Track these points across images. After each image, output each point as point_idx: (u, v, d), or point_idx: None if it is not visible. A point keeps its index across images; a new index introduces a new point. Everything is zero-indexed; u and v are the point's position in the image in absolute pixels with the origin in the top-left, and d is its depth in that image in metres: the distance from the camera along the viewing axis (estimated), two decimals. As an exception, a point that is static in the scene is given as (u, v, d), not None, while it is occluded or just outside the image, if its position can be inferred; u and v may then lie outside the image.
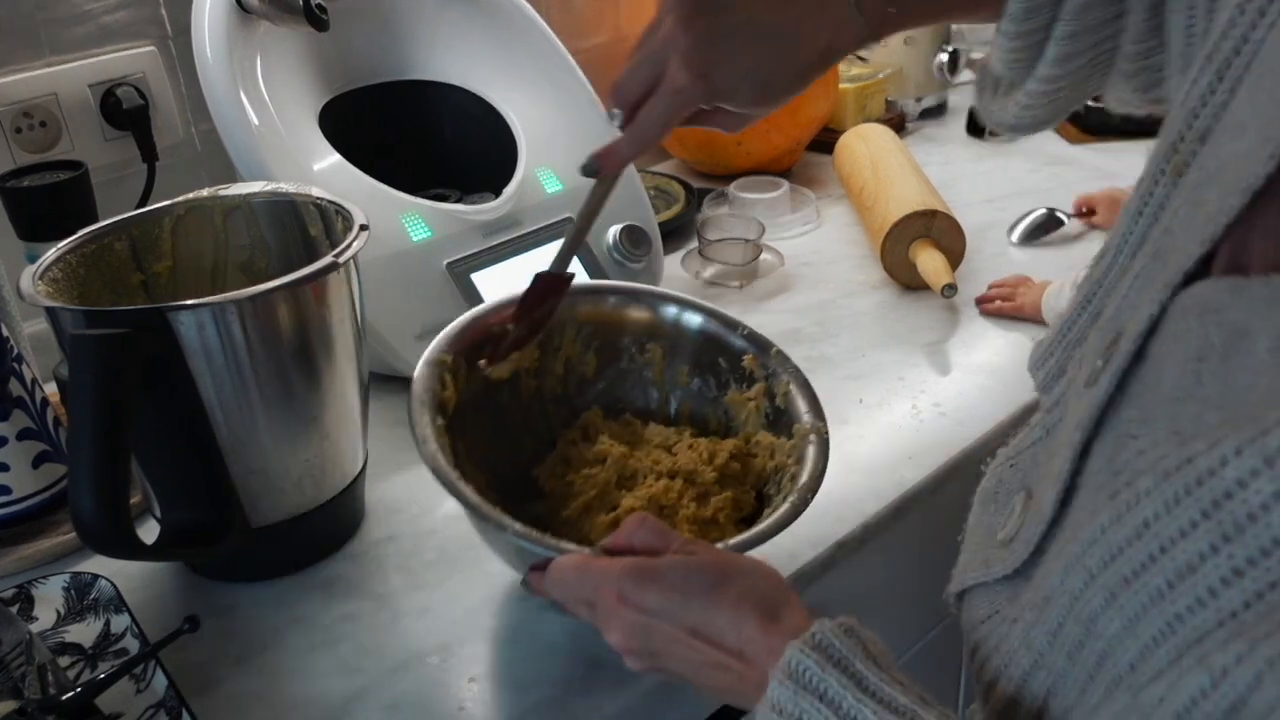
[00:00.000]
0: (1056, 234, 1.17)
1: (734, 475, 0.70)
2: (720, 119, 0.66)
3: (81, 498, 0.58)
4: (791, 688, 0.44)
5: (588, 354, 0.76)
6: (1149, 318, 0.42)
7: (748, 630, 0.49)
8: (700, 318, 0.76)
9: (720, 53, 0.60)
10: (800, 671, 0.45)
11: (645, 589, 0.51)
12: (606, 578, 0.52)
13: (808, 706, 0.44)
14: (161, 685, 0.62)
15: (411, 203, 0.91)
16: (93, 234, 0.72)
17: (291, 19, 0.88)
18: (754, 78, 0.61)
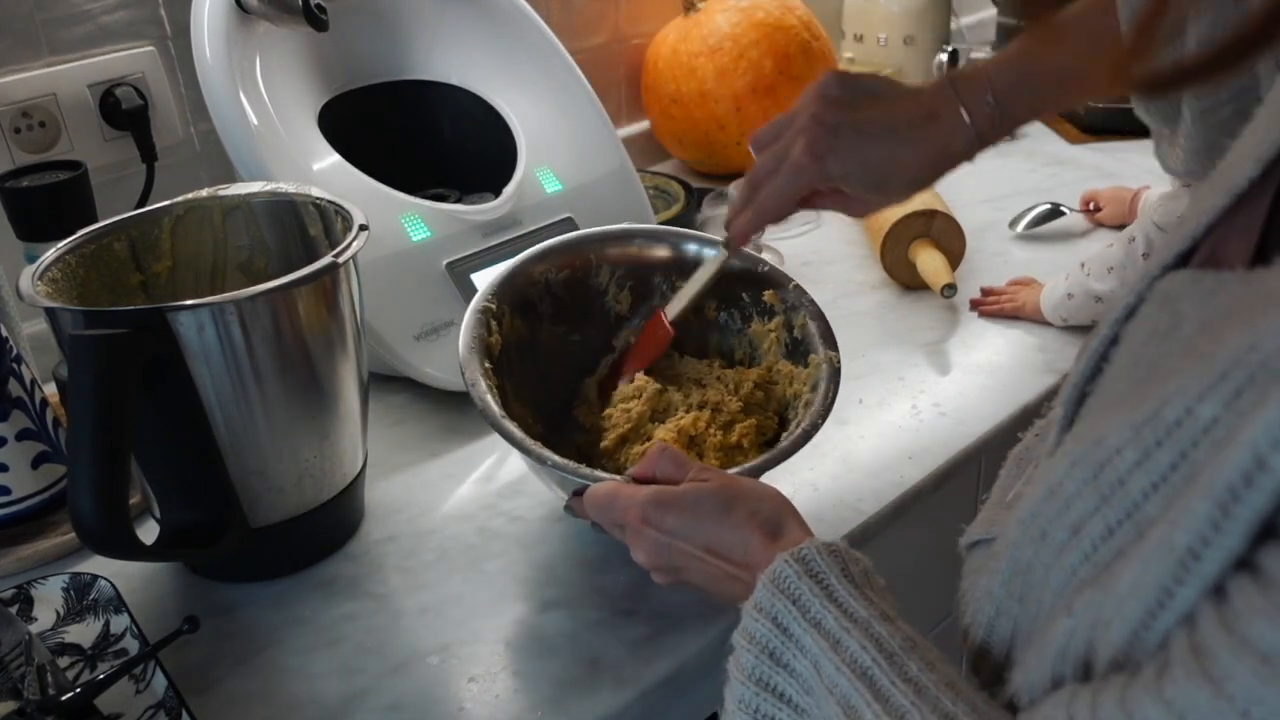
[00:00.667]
0: (1059, 226, 1.17)
1: (758, 403, 0.76)
2: (841, 203, 0.73)
3: (81, 498, 0.58)
4: (772, 590, 0.51)
5: (622, 293, 0.82)
6: (1127, 305, 0.45)
7: (753, 546, 0.56)
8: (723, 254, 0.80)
9: (840, 141, 0.68)
10: (781, 578, 0.51)
11: (665, 513, 0.58)
12: (632, 503, 0.59)
13: (781, 607, 0.50)
14: (161, 686, 0.62)
15: (411, 203, 0.91)
16: (92, 234, 0.72)
17: (291, 19, 0.87)
18: (866, 169, 0.69)
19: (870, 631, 0.48)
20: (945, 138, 0.69)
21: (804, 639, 0.49)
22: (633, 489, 0.60)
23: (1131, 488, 0.37)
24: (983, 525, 0.57)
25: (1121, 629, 0.35)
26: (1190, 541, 0.33)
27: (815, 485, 0.80)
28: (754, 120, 1.28)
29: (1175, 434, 0.36)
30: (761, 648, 0.50)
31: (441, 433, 0.88)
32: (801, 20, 1.30)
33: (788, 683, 0.50)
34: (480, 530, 0.77)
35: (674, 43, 1.31)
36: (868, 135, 0.68)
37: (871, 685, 0.46)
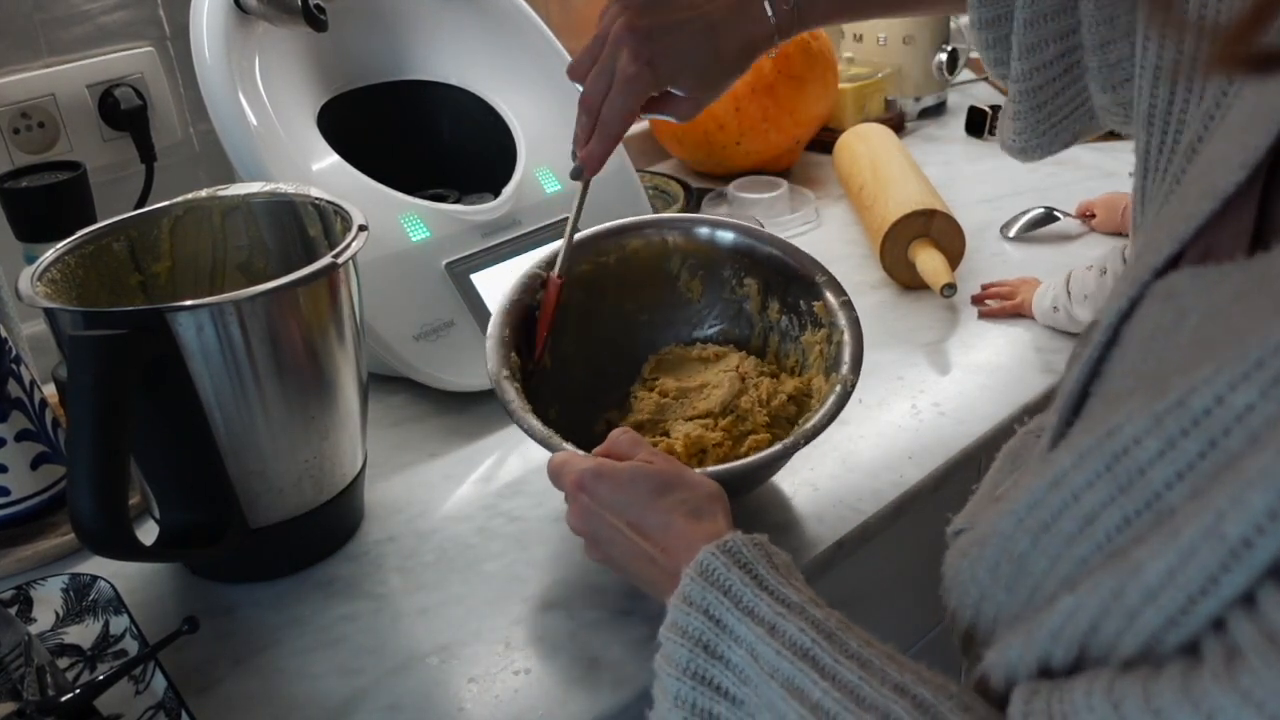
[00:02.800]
0: (1053, 230, 1.17)
1: (788, 416, 0.77)
2: (670, 106, 0.76)
3: (80, 499, 0.58)
4: (701, 583, 0.52)
5: (694, 280, 0.84)
6: (1118, 310, 0.45)
7: (674, 529, 0.58)
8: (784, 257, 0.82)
9: (661, 44, 0.71)
10: (709, 569, 0.52)
11: (600, 483, 0.61)
12: (572, 470, 0.62)
13: (712, 598, 0.51)
14: (161, 686, 0.62)
15: (410, 203, 0.91)
16: (91, 235, 0.71)
17: (290, 19, 0.87)
18: (692, 64, 0.73)
19: (806, 614, 0.49)
20: (751, 29, 0.73)
21: (738, 628, 0.50)
22: (581, 459, 0.63)
23: (1153, 477, 0.37)
24: (968, 517, 0.58)
25: (1155, 617, 0.35)
26: (1244, 532, 0.32)
27: (815, 485, 0.79)
28: (753, 120, 1.28)
29: (1204, 422, 0.35)
30: (694, 640, 0.51)
31: (441, 433, 0.88)
32: (801, 20, 1.30)
33: (723, 674, 0.50)
34: (480, 530, 0.77)
35: (673, 43, 1.31)
36: (687, 32, 0.72)
37: (815, 664, 0.46)
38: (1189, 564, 0.34)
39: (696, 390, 0.79)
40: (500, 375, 0.72)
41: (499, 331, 0.75)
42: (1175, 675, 0.34)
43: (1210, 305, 0.39)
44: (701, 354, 0.83)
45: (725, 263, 0.83)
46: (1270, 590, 0.33)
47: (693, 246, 0.83)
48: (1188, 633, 0.35)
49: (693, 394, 0.79)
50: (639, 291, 0.84)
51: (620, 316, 0.84)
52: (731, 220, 0.84)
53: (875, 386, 0.92)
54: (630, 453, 0.64)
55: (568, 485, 0.62)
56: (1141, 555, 0.36)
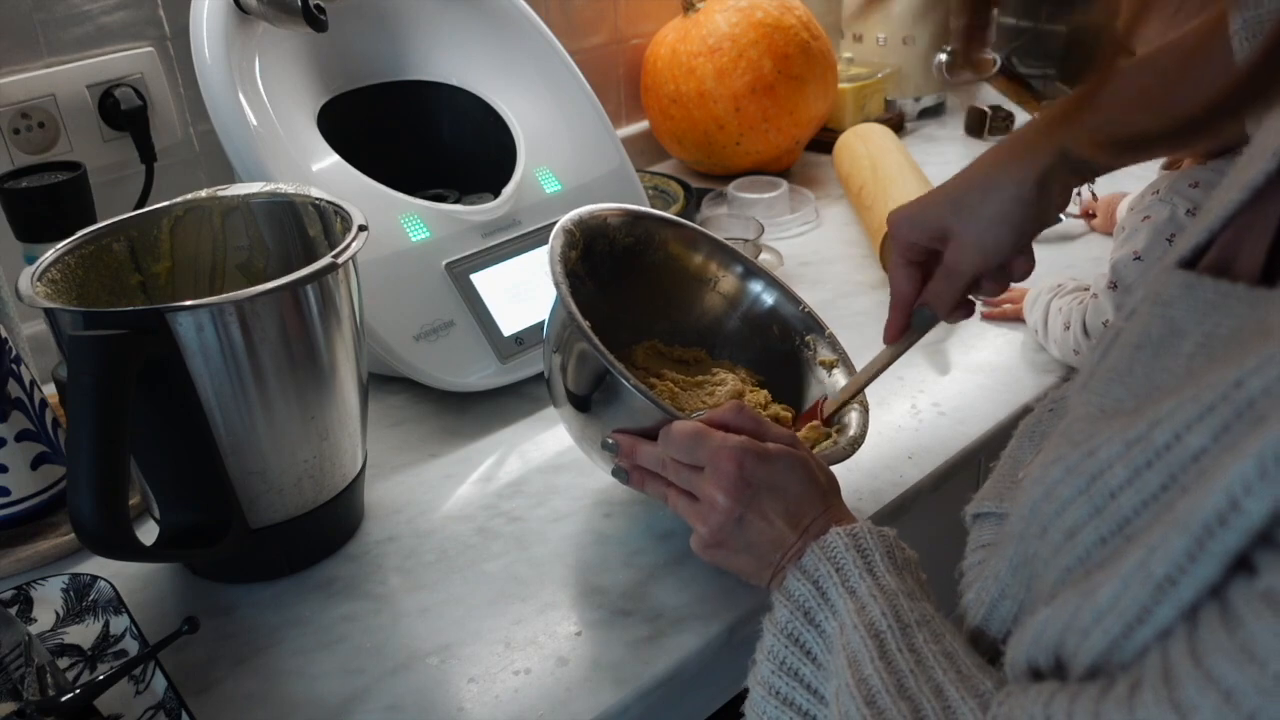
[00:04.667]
0: (1053, 231, 1.17)
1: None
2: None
3: (80, 499, 0.58)
4: (819, 555, 0.56)
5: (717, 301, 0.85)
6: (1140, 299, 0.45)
7: (821, 514, 0.60)
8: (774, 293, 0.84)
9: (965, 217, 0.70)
10: (830, 546, 0.56)
11: (759, 464, 0.61)
12: (728, 446, 0.61)
13: (824, 571, 0.55)
14: (161, 686, 0.62)
15: (410, 203, 0.91)
16: (91, 235, 0.71)
17: (290, 20, 0.87)
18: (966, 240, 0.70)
19: (894, 603, 0.52)
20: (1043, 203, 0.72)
21: (838, 602, 0.54)
22: (725, 434, 0.62)
23: (1123, 503, 0.38)
24: (992, 497, 0.59)
25: (1101, 639, 0.37)
26: (1168, 570, 0.34)
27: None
28: (753, 120, 1.28)
29: (1165, 457, 0.36)
30: (798, 606, 0.55)
31: (441, 433, 0.88)
32: (801, 20, 1.30)
33: (815, 641, 0.54)
34: (480, 530, 0.77)
35: (673, 43, 1.31)
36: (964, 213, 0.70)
37: (881, 646, 0.50)
38: (1125, 595, 0.36)
39: (698, 386, 0.79)
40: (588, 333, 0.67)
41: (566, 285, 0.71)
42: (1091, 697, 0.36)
43: (1207, 336, 0.39)
44: (682, 355, 0.83)
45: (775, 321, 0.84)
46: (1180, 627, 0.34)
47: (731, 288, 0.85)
48: (1131, 653, 0.36)
49: (696, 388, 0.79)
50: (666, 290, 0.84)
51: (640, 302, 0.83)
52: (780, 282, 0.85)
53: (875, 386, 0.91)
54: (759, 431, 0.64)
55: (722, 461, 0.61)
56: (1098, 579, 0.38)
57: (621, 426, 0.67)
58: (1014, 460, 0.62)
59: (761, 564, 0.61)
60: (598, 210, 0.79)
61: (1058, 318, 0.92)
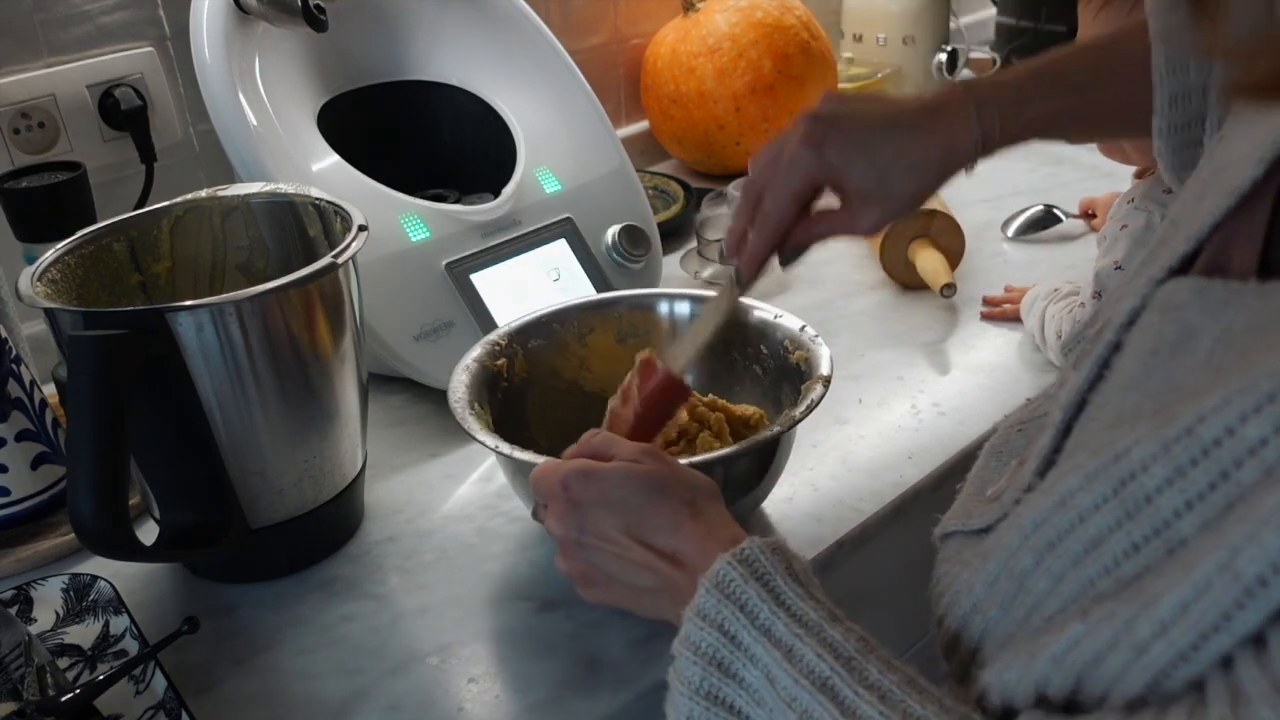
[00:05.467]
0: (1053, 232, 1.17)
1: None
2: (851, 217, 0.66)
3: (80, 499, 0.58)
4: (717, 596, 0.48)
5: None
6: (1130, 310, 0.45)
7: (683, 534, 0.53)
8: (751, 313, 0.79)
9: (837, 130, 0.63)
10: (726, 582, 0.48)
11: (586, 482, 0.55)
12: (556, 472, 0.57)
13: (728, 614, 0.48)
14: (161, 686, 0.62)
15: (410, 203, 0.91)
16: (91, 235, 0.71)
17: (290, 20, 0.87)
18: (868, 159, 0.63)
19: (823, 637, 0.46)
20: (950, 133, 0.64)
21: (754, 648, 0.47)
22: (562, 463, 0.57)
23: (1161, 505, 0.37)
24: (959, 516, 0.56)
25: (1165, 651, 0.35)
26: (1260, 570, 0.32)
27: (815, 485, 0.79)
28: (753, 120, 1.28)
29: (1214, 453, 0.35)
30: (709, 659, 0.48)
31: (441, 433, 0.88)
32: (801, 20, 1.30)
33: (737, 694, 0.48)
34: (480, 530, 0.77)
35: (673, 43, 1.31)
36: (868, 125, 0.64)
37: (834, 697, 0.44)
38: (1202, 599, 0.34)
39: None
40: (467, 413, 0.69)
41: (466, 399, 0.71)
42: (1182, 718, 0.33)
43: (1224, 331, 0.39)
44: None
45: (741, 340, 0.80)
46: (1245, 652, 0.33)
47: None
48: (1195, 670, 0.34)
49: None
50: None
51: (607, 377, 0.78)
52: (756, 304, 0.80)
53: (875, 386, 0.92)
54: (610, 452, 0.58)
55: (550, 487, 0.57)
56: (1156, 587, 0.36)
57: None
58: (981, 480, 0.59)
59: (644, 595, 0.55)
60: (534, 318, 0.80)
61: (1051, 324, 0.92)
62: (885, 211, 0.66)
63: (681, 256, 1.15)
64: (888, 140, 0.64)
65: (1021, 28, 1.63)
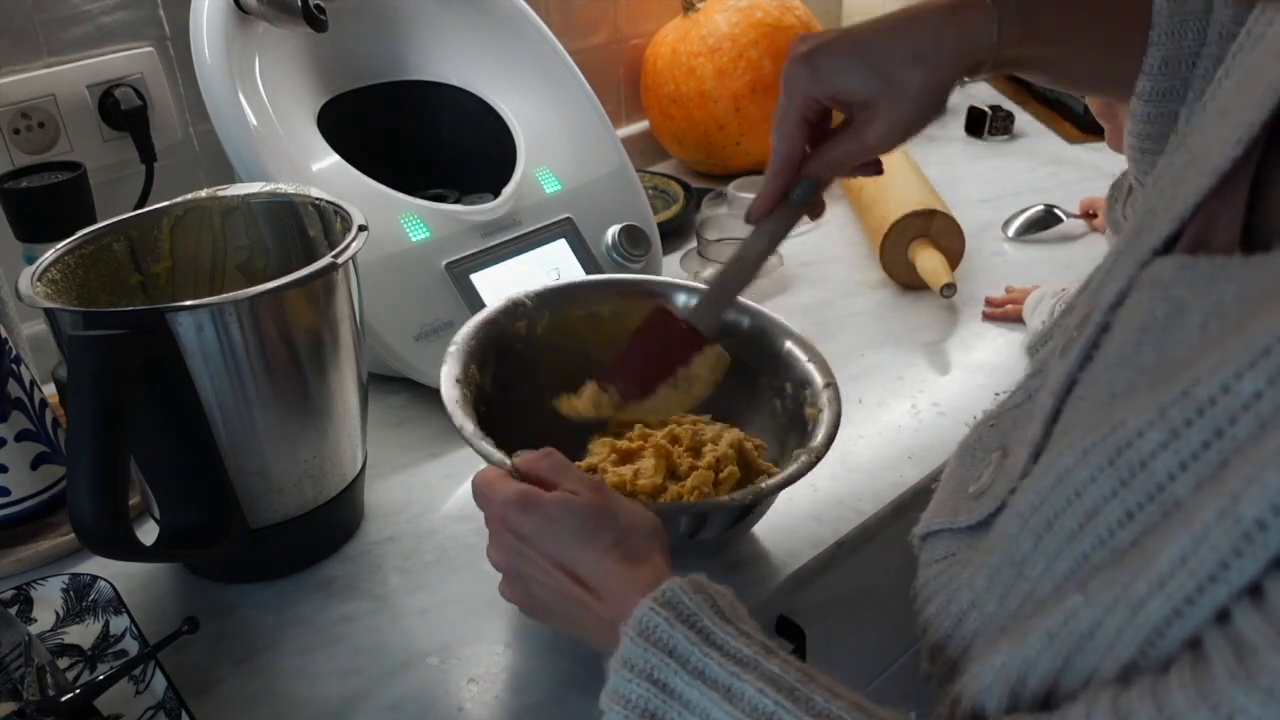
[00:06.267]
0: (1054, 232, 1.17)
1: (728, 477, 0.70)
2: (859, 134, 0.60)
3: (80, 499, 0.58)
4: (643, 644, 0.47)
5: None
6: (1118, 291, 0.45)
7: (609, 575, 0.52)
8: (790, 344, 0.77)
9: (825, 42, 0.58)
10: (651, 629, 0.47)
11: (524, 516, 0.54)
12: (495, 498, 0.56)
13: (657, 661, 0.46)
14: (161, 686, 0.62)
15: (410, 203, 0.91)
16: (91, 235, 0.71)
17: (290, 20, 0.87)
18: (863, 56, 0.57)
19: (762, 671, 0.44)
20: (963, 19, 0.57)
21: (688, 693, 0.45)
22: (504, 483, 0.56)
23: (1156, 469, 0.37)
24: (944, 514, 0.55)
25: (1161, 607, 0.34)
26: (1259, 513, 0.32)
27: (814, 485, 0.79)
28: (753, 120, 1.28)
29: (1209, 411, 0.35)
30: (640, 711, 0.46)
31: (441, 433, 0.88)
32: (800, 20, 1.30)
33: None
34: (480, 530, 0.76)
35: (673, 43, 1.31)
36: (861, 29, 0.58)
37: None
38: (1200, 548, 0.34)
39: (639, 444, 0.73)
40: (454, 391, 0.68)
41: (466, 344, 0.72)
42: (1186, 678, 0.33)
43: (1214, 304, 0.39)
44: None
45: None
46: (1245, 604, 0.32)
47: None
48: (1190, 627, 0.34)
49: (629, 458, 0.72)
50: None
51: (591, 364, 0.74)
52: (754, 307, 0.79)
53: (875, 386, 0.92)
54: (554, 479, 0.57)
55: (491, 517, 0.56)
56: (1153, 545, 0.36)
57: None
58: (959, 478, 0.58)
59: (582, 627, 0.54)
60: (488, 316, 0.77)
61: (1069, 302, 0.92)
62: (893, 114, 0.58)
63: (681, 256, 1.15)
64: (886, 35, 0.58)
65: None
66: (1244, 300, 0.38)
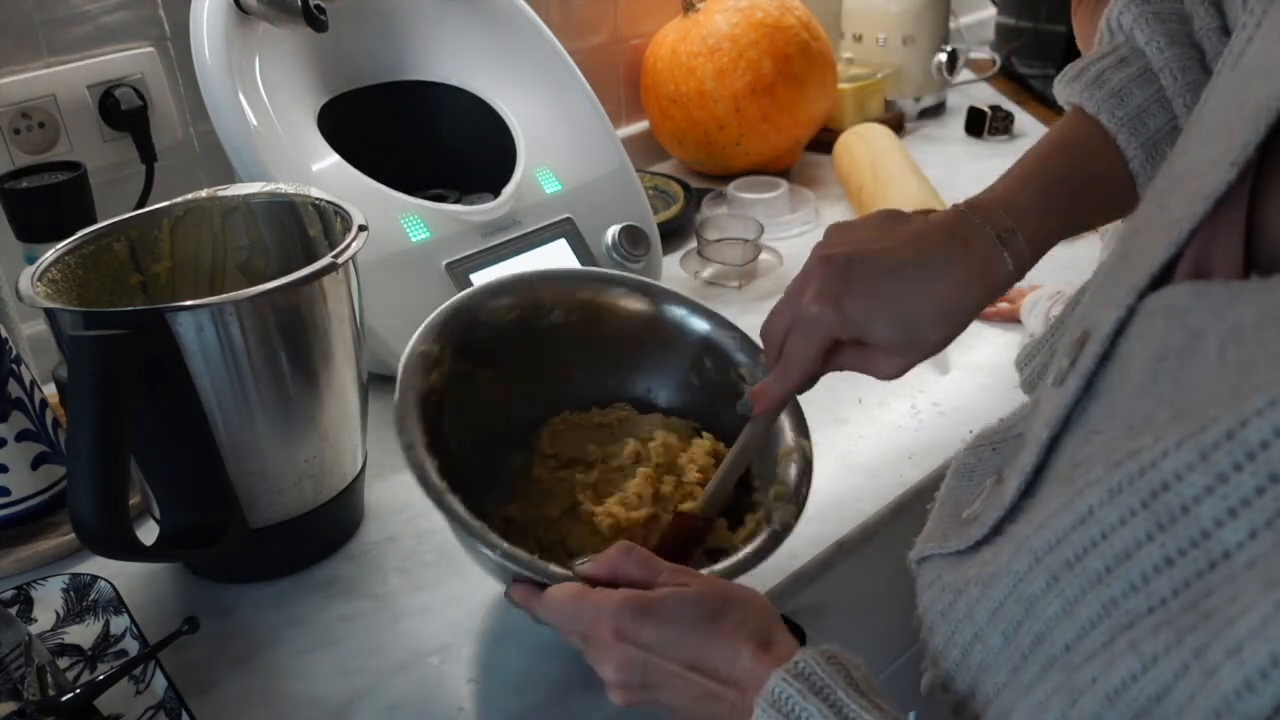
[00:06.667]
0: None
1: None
2: (870, 361, 0.60)
3: (81, 499, 0.58)
4: (774, 716, 0.46)
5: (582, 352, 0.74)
6: (1116, 320, 0.43)
7: (743, 660, 0.50)
8: (706, 323, 0.74)
9: (853, 281, 0.57)
10: (783, 700, 0.46)
11: (643, 623, 0.51)
12: (602, 612, 0.52)
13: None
14: (161, 686, 0.62)
15: (410, 203, 0.91)
16: (91, 235, 0.72)
17: (290, 20, 0.88)
18: (890, 309, 0.57)
19: None
20: (981, 267, 0.58)
21: None
22: (602, 594, 0.53)
23: (1201, 515, 0.35)
24: (935, 539, 0.54)
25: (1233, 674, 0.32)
26: None
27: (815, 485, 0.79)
28: (753, 120, 1.28)
29: (1261, 456, 0.33)
30: None
31: (441, 433, 0.88)
32: (800, 20, 1.30)
33: None
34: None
35: (673, 43, 1.31)
36: (889, 269, 0.57)
37: None
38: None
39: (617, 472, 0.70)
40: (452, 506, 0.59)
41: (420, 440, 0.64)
42: None
43: (1231, 329, 0.37)
44: (603, 419, 0.73)
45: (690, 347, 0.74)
46: None
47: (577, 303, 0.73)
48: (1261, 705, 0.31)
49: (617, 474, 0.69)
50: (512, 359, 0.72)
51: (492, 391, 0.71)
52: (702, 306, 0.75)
53: (875, 386, 0.91)
54: (647, 576, 0.54)
55: (599, 634, 0.52)
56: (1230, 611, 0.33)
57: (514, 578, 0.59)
58: (954, 500, 0.56)
59: (705, 716, 0.51)
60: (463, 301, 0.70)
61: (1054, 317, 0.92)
62: (911, 360, 0.59)
63: (681, 256, 1.15)
64: (913, 286, 0.57)
65: (1021, 28, 1.63)
66: (1263, 324, 0.36)
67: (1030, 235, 0.59)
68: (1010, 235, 0.58)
